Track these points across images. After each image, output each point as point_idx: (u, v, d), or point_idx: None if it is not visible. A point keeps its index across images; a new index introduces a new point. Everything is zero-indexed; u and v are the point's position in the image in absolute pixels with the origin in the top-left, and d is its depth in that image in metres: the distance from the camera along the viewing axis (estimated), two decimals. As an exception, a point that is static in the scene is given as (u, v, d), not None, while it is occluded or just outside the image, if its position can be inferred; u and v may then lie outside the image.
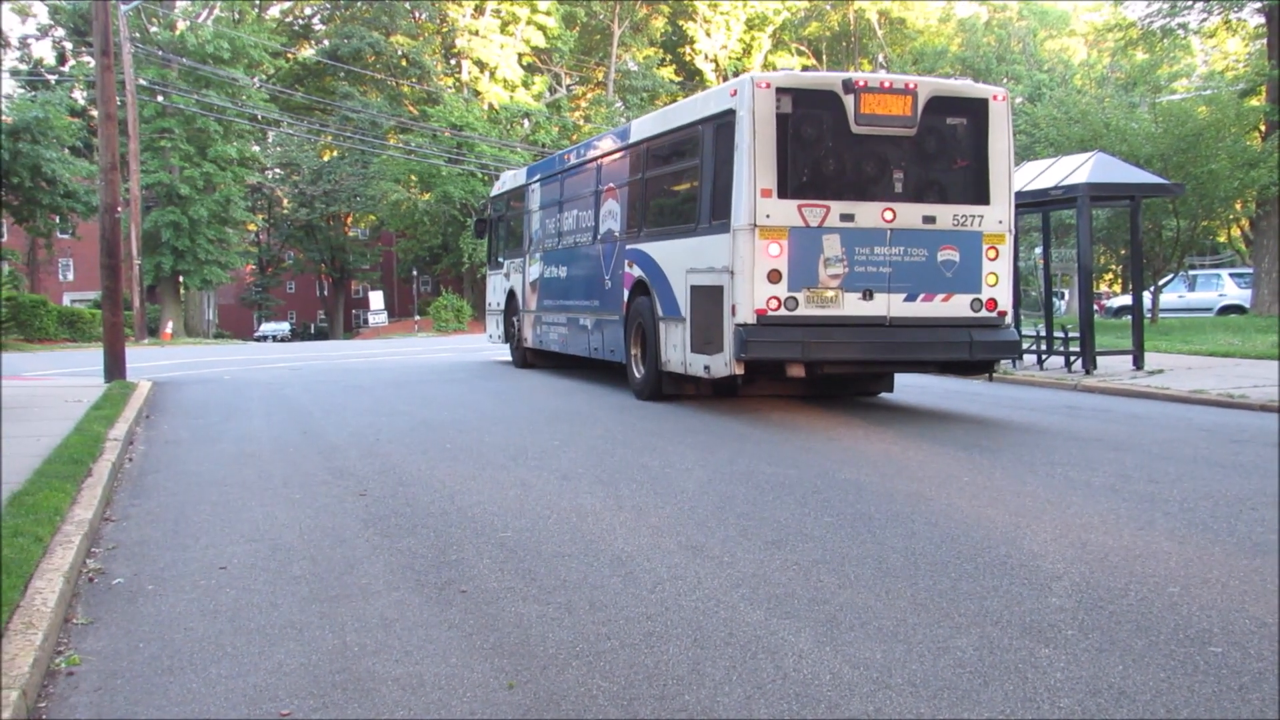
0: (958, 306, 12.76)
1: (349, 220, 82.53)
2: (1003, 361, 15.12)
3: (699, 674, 4.63)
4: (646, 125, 15.86)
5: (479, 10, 63.62)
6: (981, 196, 12.92)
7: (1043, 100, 45.42)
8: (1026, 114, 43.05)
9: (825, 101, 12.50)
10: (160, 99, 51.39)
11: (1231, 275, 39.19)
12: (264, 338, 72.87)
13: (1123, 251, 32.12)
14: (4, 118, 39.11)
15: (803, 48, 72.50)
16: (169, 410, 14.63)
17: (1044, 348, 18.52)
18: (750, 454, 10.09)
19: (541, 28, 64.44)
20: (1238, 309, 35.59)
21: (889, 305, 12.53)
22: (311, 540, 7.00)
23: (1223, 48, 46.78)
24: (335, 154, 73.52)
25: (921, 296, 12.63)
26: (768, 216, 12.20)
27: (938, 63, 66.09)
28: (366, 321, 75.75)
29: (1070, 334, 18.08)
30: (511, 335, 21.93)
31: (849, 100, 12.37)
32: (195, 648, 5.02)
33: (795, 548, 6.60)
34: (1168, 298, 36.13)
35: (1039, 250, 18.97)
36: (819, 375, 13.41)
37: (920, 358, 13.23)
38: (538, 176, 20.50)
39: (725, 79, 69.11)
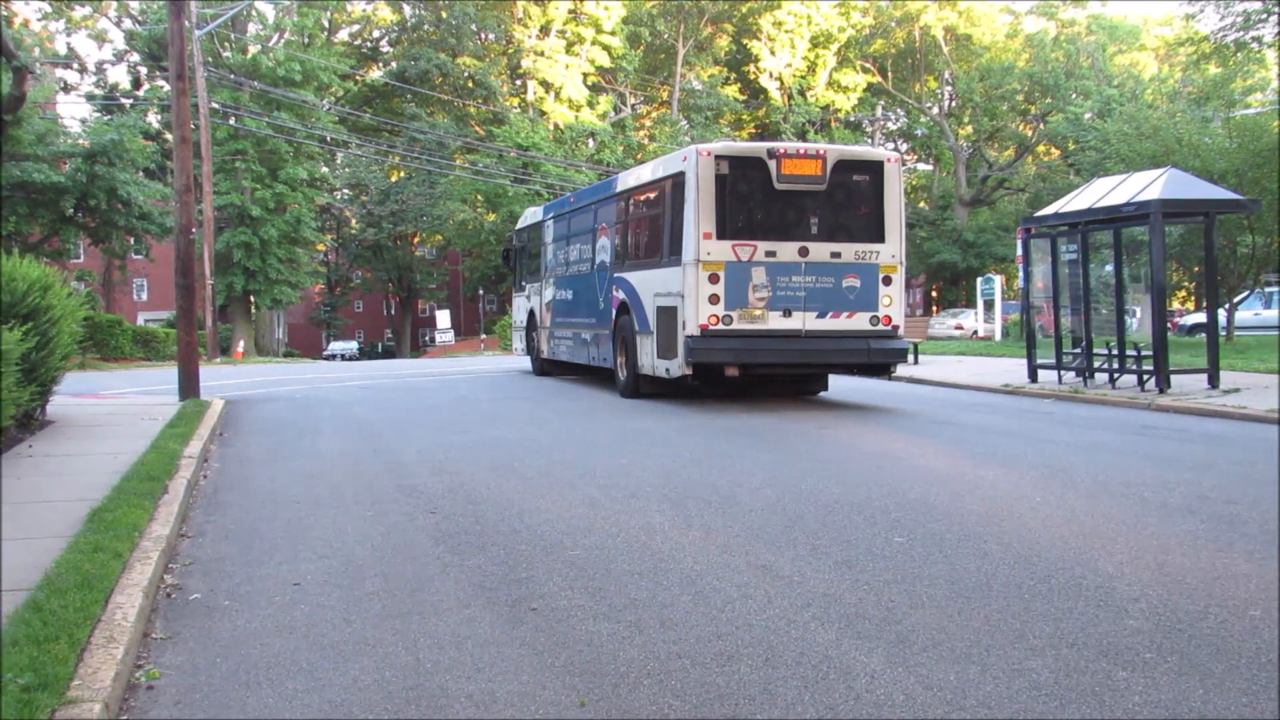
0: (859, 322, 16.10)
1: (416, 240, 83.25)
2: (1069, 377, 17.13)
3: (771, 694, 4.62)
4: (628, 178, 19.34)
5: (544, 31, 64.07)
6: (878, 237, 16.23)
7: (1112, 116, 44.89)
8: (1096, 130, 42.64)
9: (754, 165, 16.00)
10: (232, 122, 52.22)
11: (1310, 292, 38.43)
12: (332, 356, 73.60)
13: (1196, 269, 31.64)
14: (81, 141, 39.91)
15: (868, 65, 72.17)
16: (242, 428, 14.84)
17: (1116, 366, 18.25)
18: (819, 473, 10.05)
19: (606, 48, 64.74)
20: (1316, 327, 34.84)
21: (804, 321, 15.90)
22: (383, 557, 7.06)
23: (1298, 61, 45.96)
24: (403, 174, 74.23)
25: (830, 314, 15.98)
26: (708, 253, 15.65)
27: (1004, 79, 65.46)
28: (433, 340, 76.30)
29: (1143, 352, 17.82)
30: (532, 348, 25.48)
31: (772, 164, 15.90)
32: (271, 662, 5.09)
33: (866, 567, 6.57)
34: (1243, 315, 35.51)
35: (1109, 267, 18.71)
36: (756, 375, 17.17)
37: (830, 361, 16.68)
38: (551, 214, 23.97)
39: (790, 98, 69.09)
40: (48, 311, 12.61)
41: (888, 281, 16.17)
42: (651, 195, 17.89)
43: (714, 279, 15.64)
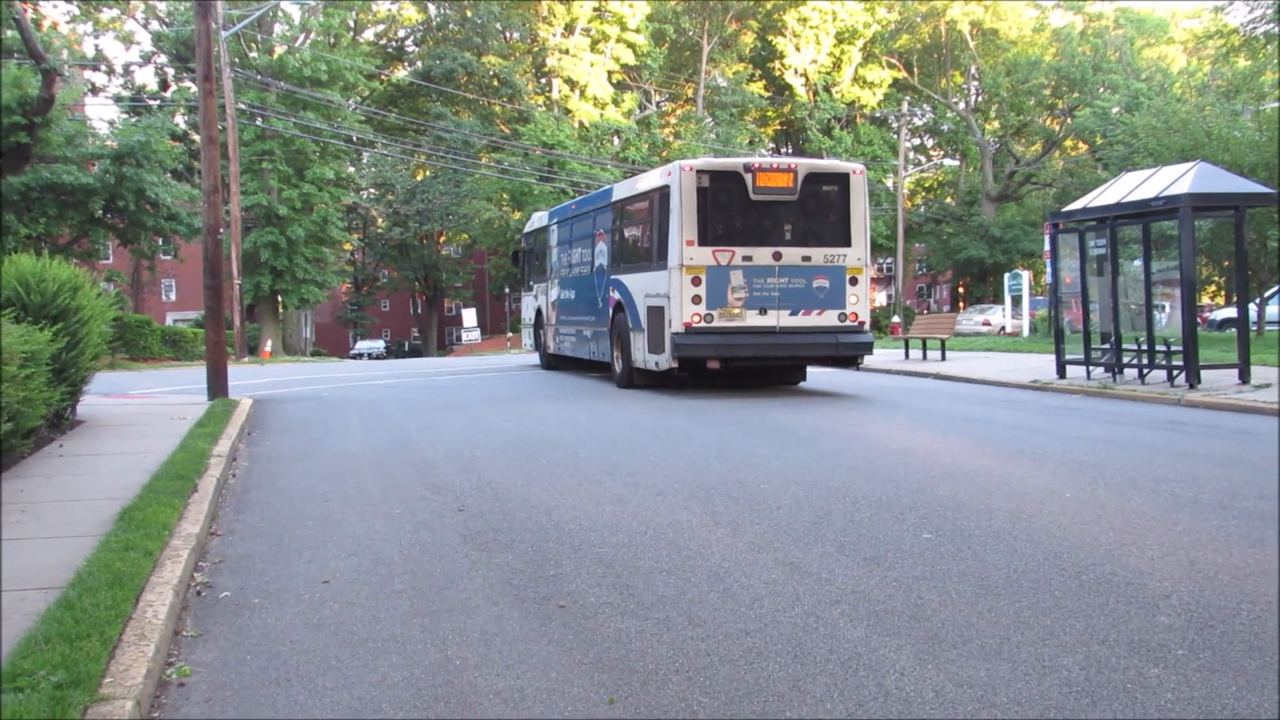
0: (828, 318, 17.64)
1: (442, 239, 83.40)
2: (1098, 373, 17.35)
3: (800, 691, 4.61)
4: (622, 189, 21.18)
5: (569, 29, 64.10)
6: (845, 241, 17.83)
7: (1141, 110, 44.60)
8: (1124, 124, 42.35)
9: (732, 178, 17.60)
10: (259, 122, 52.43)
11: (1341, 286, 37.98)
12: (359, 355, 73.80)
13: (1226, 263, 31.41)
14: (109, 142, 40.10)
15: (894, 61, 71.91)
16: (270, 427, 14.90)
17: (1145, 362, 18.12)
18: (846, 470, 10.02)
19: (631, 45, 64.69)
20: (1348, 321, 34.48)
21: (778, 318, 17.45)
22: (411, 555, 7.09)
23: (1329, 53, 45.45)
24: (428, 173, 74.40)
25: (802, 312, 17.53)
26: (691, 259, 17.23)
27: (1031, 74, 65.11)
28: (460, 339, 76.40)
29: (1173, 347, 17.68)
30: (540, 344, 27.54)
31: (748, 177, 17.49)
32: (301, 660, 5.11)
33: (894, 564, 6.55)
34: (1274, 310, 35.19)
35: (1138, 263, 18.57)
36: (735, 368, 18.68)
37: (802, 355, 18.35)
38: (556, 220, 25.92)
39: (815, 94, 68.93)
40: (78, 312, 12.70)
41: (854, 282, 17.78)
42: (642, 205, 19.51)
43: (696, 281, 17.24)
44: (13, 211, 34.79)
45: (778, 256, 17.45)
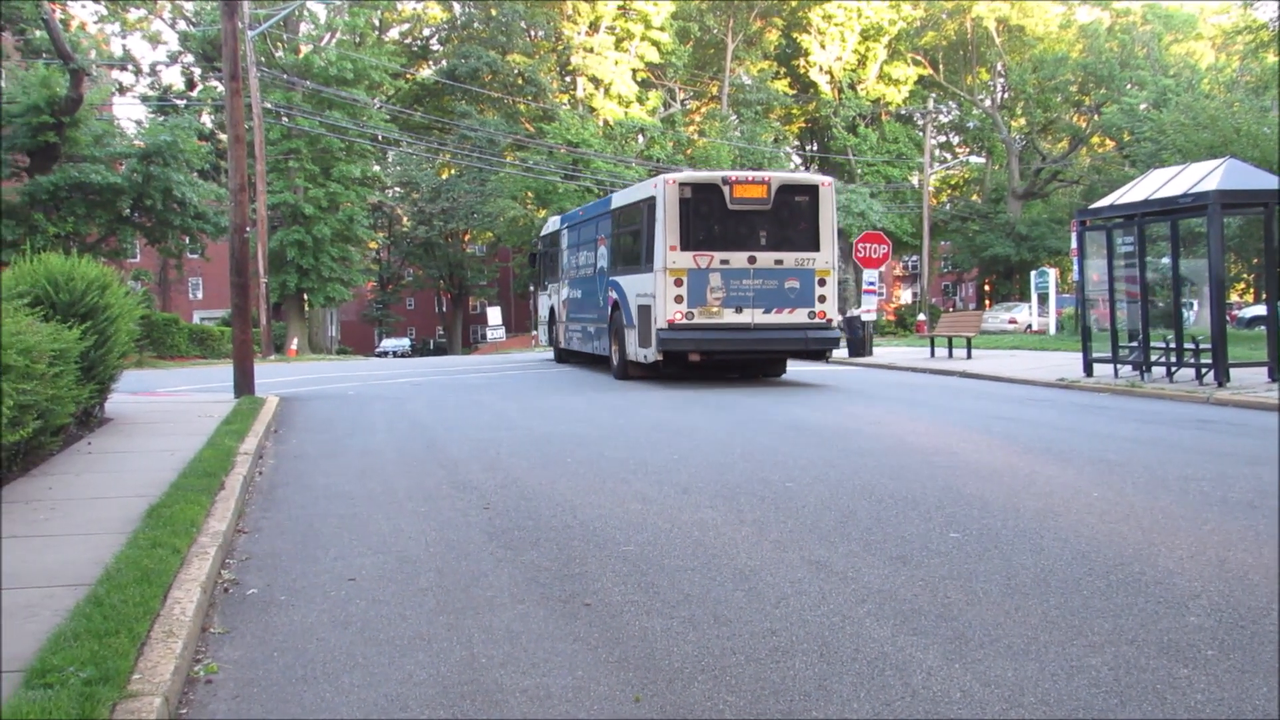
0: (798, 316, 19.31)
1: (467, 237, 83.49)
2: (1125, 371, 17.80)
3: (826, 690, 4.59)
4: (618, 198, 23.10)
5: (594, 28, 64.05)
6: (814, 247, 19.47)
7: (1169, 106, 44.29)
8: (1152, 120, 42.05)
9: (712, 190, 19.47)
10: (285, 121, 52.64)
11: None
12: (385, 353, 74.03)
13: (1255, 260, 31.18)
14: (136, 142, 40.34)
15: (919, 58, 71.56)
16: (296, 425, 14.95)
17: (1174, 360, 17.99)
18: (871, 469, 9.99)
19: (655, 43, 64.56)
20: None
21: (753, 316, 19.17)
22: (437, 553, 7.10)
23: (1359, 48, 44.96)
24: (453, 172, 74.48)
25: (775, 310, 19.21)
26: (674, 262, 19.01)
27: (1058, 70, 64.71)
28: (485, 337, 76.54)
29: (1201, 345, 17.56)
30: (553, 339, 29.71)
31: (726, 189, 19.33)
32: (328, 657, 5.13)
33: (921, 564, 6.52)
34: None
35: (1166, 260, 18.45)
36: (714, 361, 20.45)
37: (774, 349, 20.13)
38: (566, 225, 28.00)
39: (840, 92, 68.63)
40: (106, 310, 12.78)
41: (822, 283, 19.40)
42: (633, 214, 21.24)
43: (678, 283, 18.93)
44: (41, 210, 35.07)
45: (752, 260, 19.12)
